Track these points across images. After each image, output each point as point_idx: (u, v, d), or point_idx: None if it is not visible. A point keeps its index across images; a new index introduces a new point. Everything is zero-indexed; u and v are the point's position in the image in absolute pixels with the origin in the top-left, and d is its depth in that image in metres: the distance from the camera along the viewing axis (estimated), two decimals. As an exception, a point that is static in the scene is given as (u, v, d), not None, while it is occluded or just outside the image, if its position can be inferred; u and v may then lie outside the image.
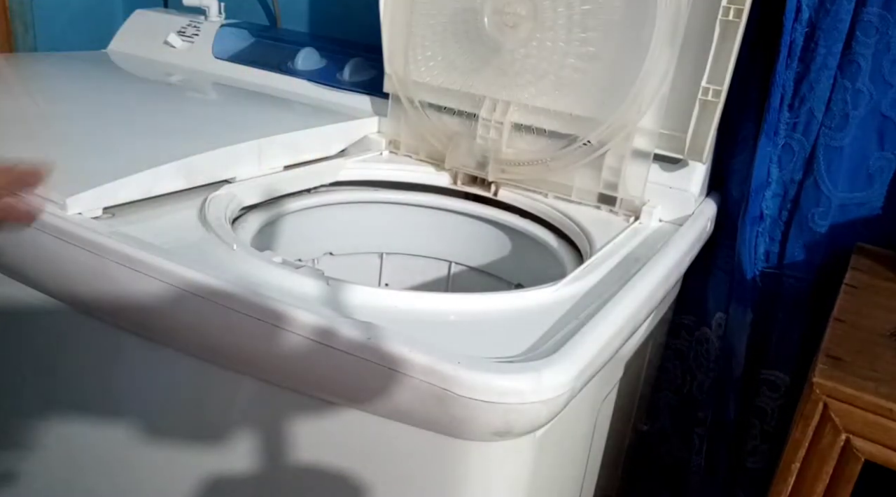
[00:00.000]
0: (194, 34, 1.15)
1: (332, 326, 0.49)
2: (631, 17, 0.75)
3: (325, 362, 0.50)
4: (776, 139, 0.79)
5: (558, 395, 0.47)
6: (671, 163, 0.81)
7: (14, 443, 0.74)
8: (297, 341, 0.50)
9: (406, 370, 0.47)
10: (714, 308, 0.90)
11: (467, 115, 0.88)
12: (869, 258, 0.74)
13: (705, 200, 0.85)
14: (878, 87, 0.73)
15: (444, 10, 0.86)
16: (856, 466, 0.53)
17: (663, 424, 1.01)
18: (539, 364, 0.47)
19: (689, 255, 0.76)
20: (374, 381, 0.48)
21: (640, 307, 0.60)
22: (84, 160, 0.70)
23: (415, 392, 0.47)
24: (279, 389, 0.55)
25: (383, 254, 0.96)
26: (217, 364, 0.57)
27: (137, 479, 0.67)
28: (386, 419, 0.51)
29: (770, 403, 0.88)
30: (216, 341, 0.55)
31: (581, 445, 0.67)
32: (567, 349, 0.49)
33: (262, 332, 0.51)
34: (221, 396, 0.59)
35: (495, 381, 0.45)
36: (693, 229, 0.78)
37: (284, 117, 0.93)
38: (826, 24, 0.72)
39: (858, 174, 0.76)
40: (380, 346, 0.47)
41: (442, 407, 0.46)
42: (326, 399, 0.53)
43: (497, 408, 0.46)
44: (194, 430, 0.62)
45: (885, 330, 0.61)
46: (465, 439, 0.49)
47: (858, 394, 0.52)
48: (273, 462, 0.58)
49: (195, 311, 0.54)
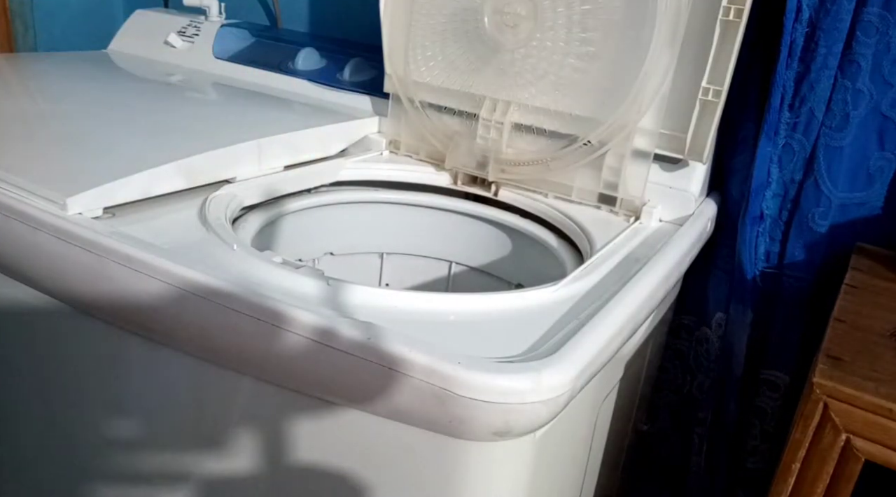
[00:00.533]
0: (194, 34, 1.15)
1: (332, 326, 0.49)
2: (631, 17, 0.75)
3: (325, 362, 0.50)
4: (776, 139, 0.79)
5: (558, 395, 0.47)
6: (671, 163, 0.81)
7: (14, 442, 0.74)
8: (297, 341, 0.50)
9: (406, 370, 0.47)
10: (714, 308, 0.90)
11: (467, 115, 0.88)
12: (869, 258, 0.74)
13: (705, 200, 0.85)
14: (878, 87, 0.73)
15: (443, 11, 0.86)
16: (856, 466, 0.53)
17: (663, 424, 1.01)
18: (539, 364, 0.47)
19: (689, 255, 0.75)
20: (374, 381, 0.48)
21: (640, 307, 0.60)
22: (84, 160, 0.70)
23: (415, 392, 0.47)
24: (279, 389, 0.55)
25: (384, 254, 0.96)
26: (217, 364, 0.57)
27: (138, 479, 0.67)
28: (386, 419, 0.51)
29: (770, 403, 0.88)
30: (216, 341, 0.55)
31: (581, 445, 0.67)
32: (567, 349, 0.49)
33: (262, 331, 0.51)
34: (221, 396, 0.59)
35: (495, 380, 0.45)
36: (693, 229, 0.78)
37: (284, 117, 0.93)
38: (826, 24, 0.72)
39: (859, 174, 0.76)
40: (380, 346, 0.47)
41: (442, 407, 0.46)
42: (326, 399, 0.53)
43: (497, 408, 0.46)
44: (194, 429, 0.62)
45: (885, 330, 0.61)
46: (465, 439, 0.49)
47: (858, 394, 0.52)
48: (273, 462, 0.58)
49: (195, 310, 0.54)
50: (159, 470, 0.65)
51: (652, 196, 0.81)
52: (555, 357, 0.48)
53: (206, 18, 1.18)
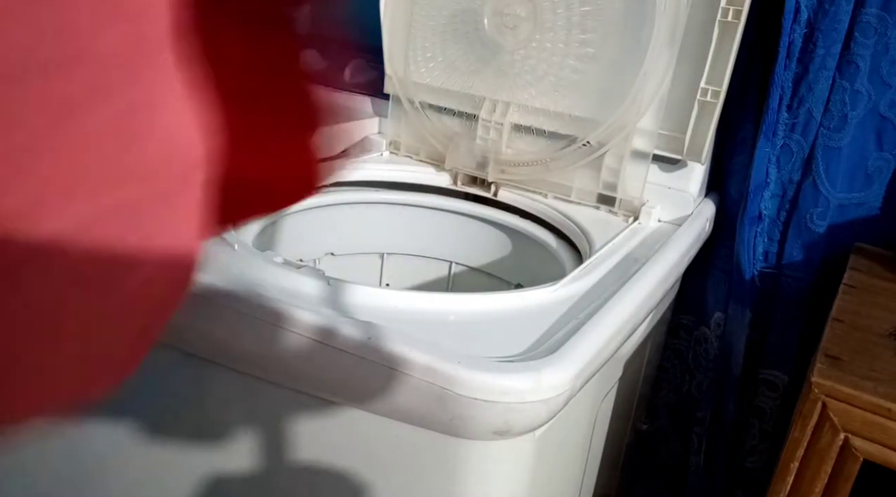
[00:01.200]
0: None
1: (332, 326, 0.49)
2: (630, 18, 0.76)
3: (325, 362, 0.50)
4: (775, 140, 0.79)
5: (558, 394, 0.47)
6: (670, 163, 0.81)
7: (16, 443, 0.74)
8: (298, 341, 0.50)
9: (406, 369, 0.47)
10: (713, 308, 0.90)
11: (467, 116, 0.88)
12: (867, 258, 0.74)
13: (704, 201, 0.85)
14: (876, 87, 0.73)
15: (443, 12, 0.86)
16: (854, 466, 0.54)
17: (662, 424, 1.01)
18: (538, 363, 0.47)
19: (687, 255, 0.76)
20: (374, 381, 0.48)
21: (639, 307, 0.60)
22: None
23: (415, 391, 0.47)
24: (279, 388, 0.55)
25: (384, 254, 0.96)
26: (217, 363, 0.57)
27: (139, 479, 0.67)
28: (386, 418, 0.51)
29: (769, 403, 0.88)
30: (217, 340, 0.55)
31: (580, 445, 0.68)
32: (566, 349, 0.50)
33: (262, 331, 0.51)
34: (222, 396, 0.60)
35: (495, 380, 0.46)
36: (692, 230, 0.78)
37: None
38: (825, 25, 0.72)
39: (857, 175, 0.76)
40: (380, 345, 0.47)
41: (442, 406, 0.47)
42: (327, 398, 0.53)
43: (497, 407, 0.46)
44: (194, 430, 0.62)
45: (883, 330, 0.61)
46: (465, 438, 0.49)
47: (857, 393, 0.52)
48: (273, 461, 0.58)
49: (196, 310, 0.54)
50: (160, 470, 0.65)
51: (651, 196, 0.81)
52: (554, 356, 0.48)
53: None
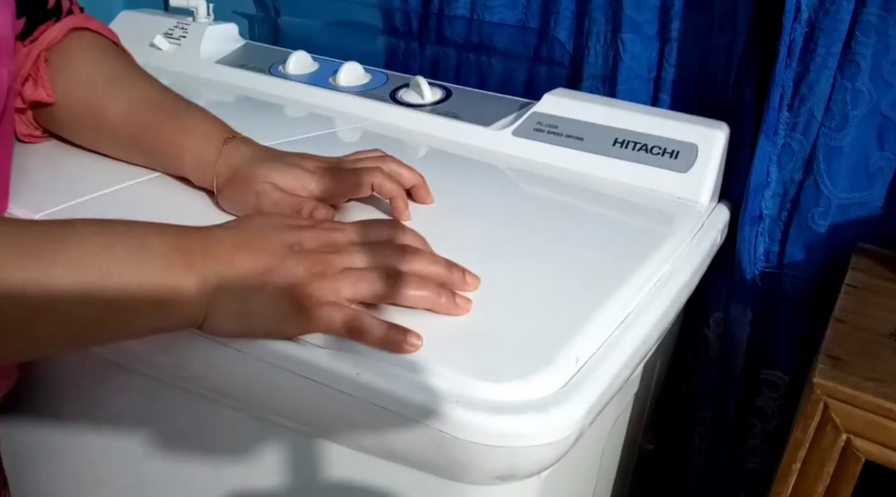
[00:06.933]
0: (181, 36, 1.12)
1: (316, 360, 0.44)
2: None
3: (309, 397, 0.45)
4: (775, 139, 0.78)
5: (567, 435, 0.42)
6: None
7: (25, 460, 0.72)
8: (280, 375, 0.46)
9: (398, 409, 0.42)
10: (713, 307, 0.90)
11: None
12: (869, 258, 0.74)
13: (717, 207, 0.78)
14: (877, 87, 0.72)
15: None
16: (856, 467, 0.54)
17: (662, 424, 1.01)
18: (546, 401, 0.42)
19: (699, 272, 0.69)
20: (363, 419, 0.44)
21: (651, 331, 0.54)
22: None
23: (409, 433, 0.42)
24: (263, 422, 0.52)
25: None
26: (197, 394, 0.54)
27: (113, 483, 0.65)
28: (379, 458, 0.47)
29: (770, 403, 0.88)
30: (196, 373, 0.52)
31: (588, 480, 0.64)
32: (576, 383, 0.44)
33: (243, 363, 0.47)
34: (199, 427, 0.57)
35: (497, 422, 0.40)
36: (704, 243, 0.70)
37: (277, 123, 0.91)
38: (826, 24, 0.71)
39: (858, 174, 0.76)
40: (369, 381, 0.42)
41: (438, 449, 0.42)
42: (315, 434, 0.50)
43: (499, 451, 0.41)
44: (180, 462, 0.59)
45: (885, 330, 0.61)
46: (464, 483, 0.45)
47: (859, 394, 0.52)
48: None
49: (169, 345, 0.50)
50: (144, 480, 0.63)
51: (659, 207, 0.74)
52: (562, 392, 0.43)
53: (193, 20, 1.15)
